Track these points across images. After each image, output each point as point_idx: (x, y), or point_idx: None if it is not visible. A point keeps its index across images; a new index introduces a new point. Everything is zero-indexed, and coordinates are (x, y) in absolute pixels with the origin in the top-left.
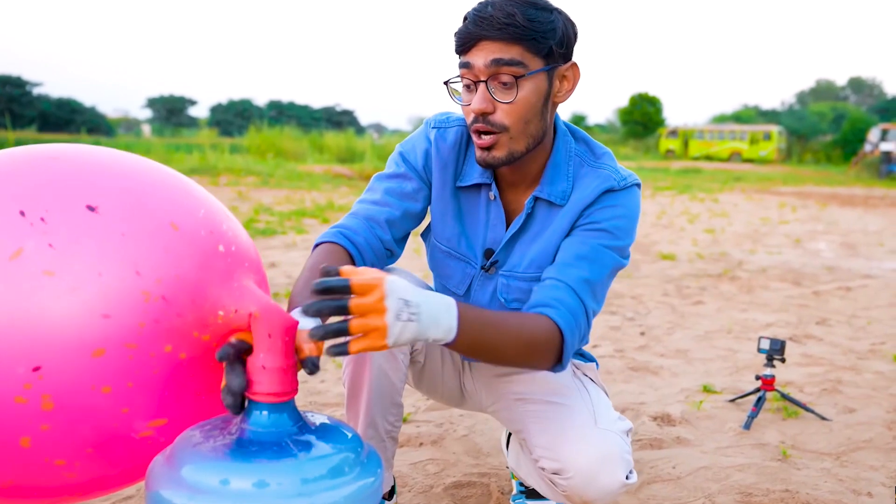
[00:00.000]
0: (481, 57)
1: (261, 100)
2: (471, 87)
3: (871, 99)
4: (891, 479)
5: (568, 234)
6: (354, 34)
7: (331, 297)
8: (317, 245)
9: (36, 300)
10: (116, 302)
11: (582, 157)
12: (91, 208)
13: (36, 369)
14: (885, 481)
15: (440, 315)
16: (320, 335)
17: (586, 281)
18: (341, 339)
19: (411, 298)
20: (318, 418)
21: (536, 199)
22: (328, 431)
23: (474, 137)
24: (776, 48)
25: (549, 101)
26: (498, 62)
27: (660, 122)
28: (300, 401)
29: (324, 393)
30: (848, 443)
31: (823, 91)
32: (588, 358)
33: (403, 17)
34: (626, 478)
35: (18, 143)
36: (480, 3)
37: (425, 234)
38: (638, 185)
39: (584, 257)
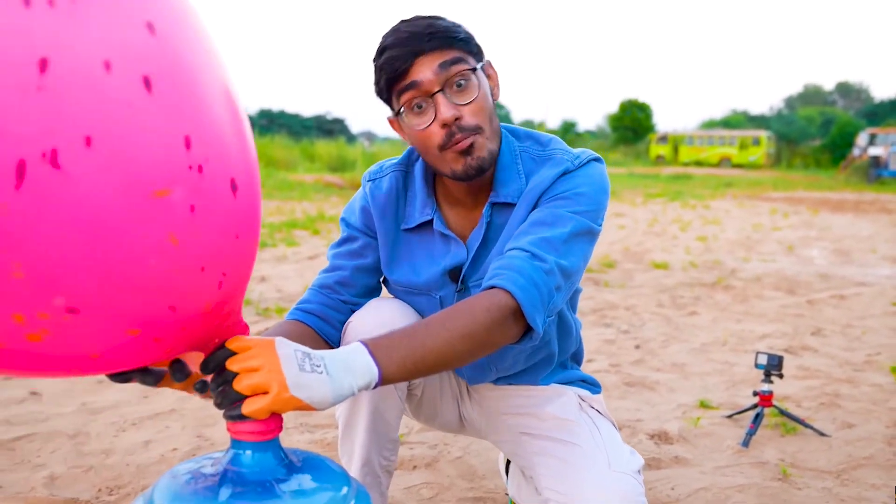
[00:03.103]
0: (426, 69)
1: (251, 108)
2: (423, 107)
3: (858, 103)
4: (893, 499)
5: None
6: (345, 41)
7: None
8: None
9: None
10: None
11: (530, 153)
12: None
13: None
14: (887, 501)
15: (349, 359)
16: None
17: (543, 239)
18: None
19: (312, 352)
20: (304, 455)
21: (493, 204)
22: (314, 470)
23: (448, 156)
24: (764, 53)
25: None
26: (445, 65)
27: (650, 128)
28: (290, 420)
29: (314, 413)
30: (848, 460)
31: (811, 96)
32: (592, 384)
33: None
34: None
35: None
36: (390, 33)
37: (384, 282)
38: (597, 160)
39: (539, 222)
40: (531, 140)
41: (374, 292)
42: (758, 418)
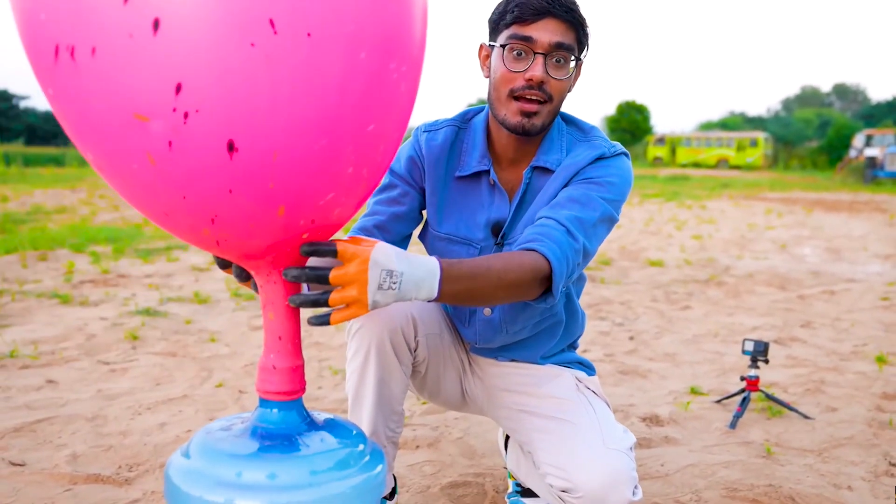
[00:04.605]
0: (546, 34)
1: None
2: (522, 56)
3: (855, 105)
4: (870, 474)
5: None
6: None
7: (313, 268)
8: None
9: None
10: None
11: (573, 135)
12: None
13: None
14: (864, 475)
15: (422, 280)
16: (298, 303)
17: (576, 218)
18: (322, 310)
19: (395, 268)
20: (324, 416)
21: (534, 168)
22: (334, 428)
23: (512, 105)
24: (761, 55)
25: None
26: (560, 46)
27: (647, 130)
28: None
29: (321, 399)
30: (830, 440)
31: (809, 97)
32: (588, 366)
33: None
34: (633, 494)
35: (5, 156)
36: None
37: (422, 234)
38: (626, 155)
39: (575, 200)
40: (575, 126)
41: (406, 240)
42: (744, 402)
